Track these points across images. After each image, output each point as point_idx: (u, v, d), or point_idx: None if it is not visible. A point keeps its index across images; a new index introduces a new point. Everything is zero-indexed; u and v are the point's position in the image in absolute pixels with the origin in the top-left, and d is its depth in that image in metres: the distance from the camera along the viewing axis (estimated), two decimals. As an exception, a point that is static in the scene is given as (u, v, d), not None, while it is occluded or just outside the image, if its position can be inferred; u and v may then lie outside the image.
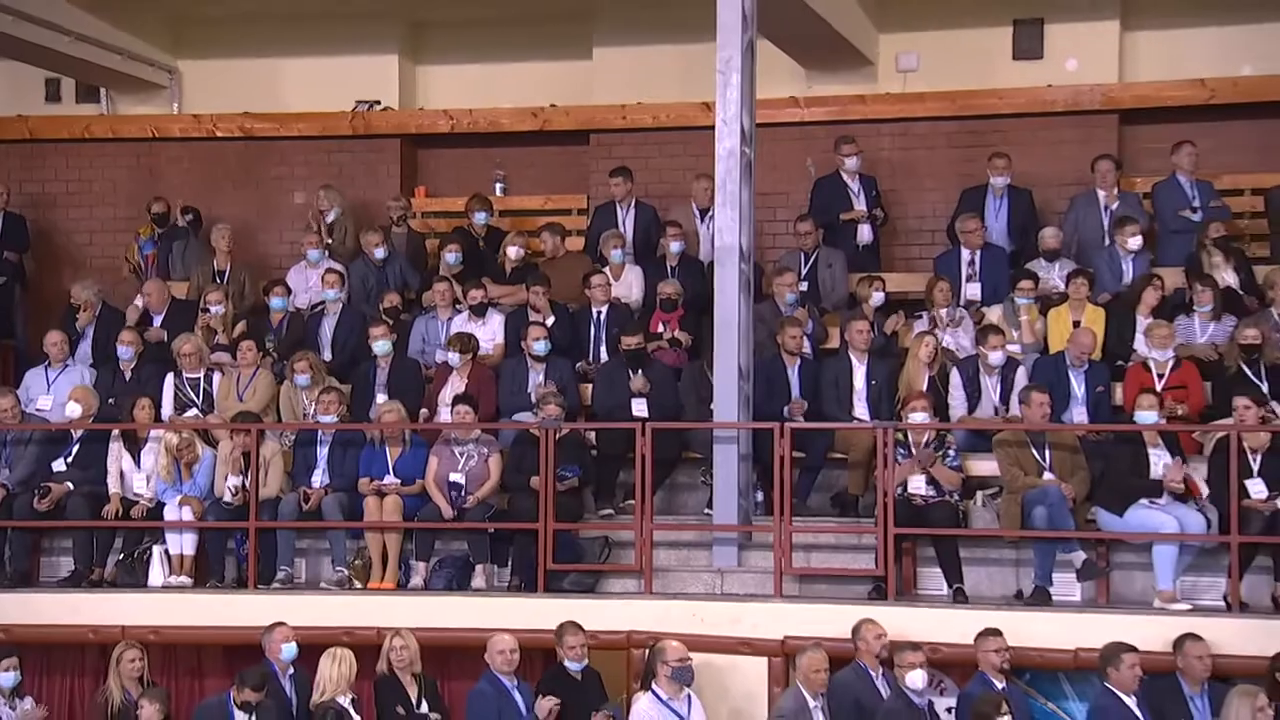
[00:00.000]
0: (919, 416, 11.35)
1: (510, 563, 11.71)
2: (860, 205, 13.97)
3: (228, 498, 11.94)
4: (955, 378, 12.10)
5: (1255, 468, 10.72)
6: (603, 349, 13.04)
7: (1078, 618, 10.61)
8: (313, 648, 10.65)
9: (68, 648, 11.75)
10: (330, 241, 14.51)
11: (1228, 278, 12.67)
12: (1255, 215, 13.80)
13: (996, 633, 10.11)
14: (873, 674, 10.13)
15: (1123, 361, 12.15)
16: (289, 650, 10.61)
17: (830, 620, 10.55)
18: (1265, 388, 11.50)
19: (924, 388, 11.83)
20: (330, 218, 14.69)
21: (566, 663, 10.44)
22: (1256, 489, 10.64)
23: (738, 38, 11.70)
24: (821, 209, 13.94)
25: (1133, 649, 9.79)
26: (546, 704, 10.06)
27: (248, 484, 11.90)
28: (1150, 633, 10.09)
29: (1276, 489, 10.68)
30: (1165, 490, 10.84)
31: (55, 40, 14.58)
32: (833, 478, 12.09)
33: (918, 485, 11.20)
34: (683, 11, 12.69)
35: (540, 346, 12.59)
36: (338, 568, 11.95)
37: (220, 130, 15.89)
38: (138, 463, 12.35)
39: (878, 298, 12.96)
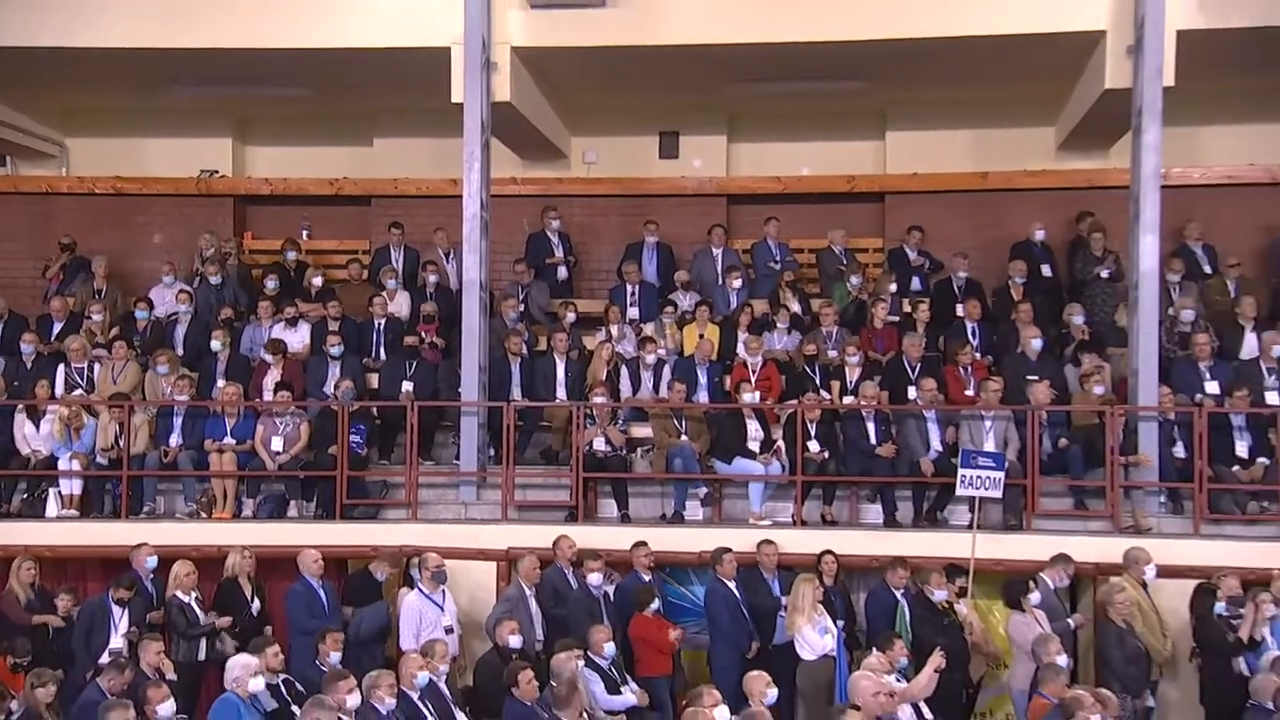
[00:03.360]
0: (600, 398, 11.52)
1: (315, 499, 11.46)
2: (559, 253, 14.00)
3: (101, 458, 11.55)
4: (624, 372, 12.28)
5: (812, 432, 11.15)
6: (382, 350, 12.79)
7: (700, 531, 10.93)
8: (169, 561, 10.25)
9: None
10: (205, 269, 13.85)
11: (795, 307, 13.08)
12: (810, 266, 14.17)
13: (644, 543, 10.36)
14: (567, 572, 10.27)
15: (730, 361, 12.40)
16: (151, 561, 10.30)
17: (539, 536, 10.64)
18: (818, 380, 11.98)
19: (603, 378, 11.93)
20: (208, 252, 14.00)
21: (380, 572, 10.39)
22: (813, 446, 11.10)
23: (478, 137, 11.73)
24: (533, 255, 13.93)
25: (730, 550, 10.16)
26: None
27: (120, 444, 11.46)
28: (745, 540, 10.45)
29: (824, 446, 11.13)
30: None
31: (-30, 121, 13.73)
32: (542, 439, 12.14)
33: (599, 444, 11.35)
34: (439, 116, 12.55)
35: (336, 349, 12.32)
36: (188, 503, 11.59)
37: (98, 188, 14.99)
38: (38, 428, 11.76)
39: (571, 316, 13.00)
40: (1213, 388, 11.30)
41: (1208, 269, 13.09)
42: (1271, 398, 11.16)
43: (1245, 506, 10.72)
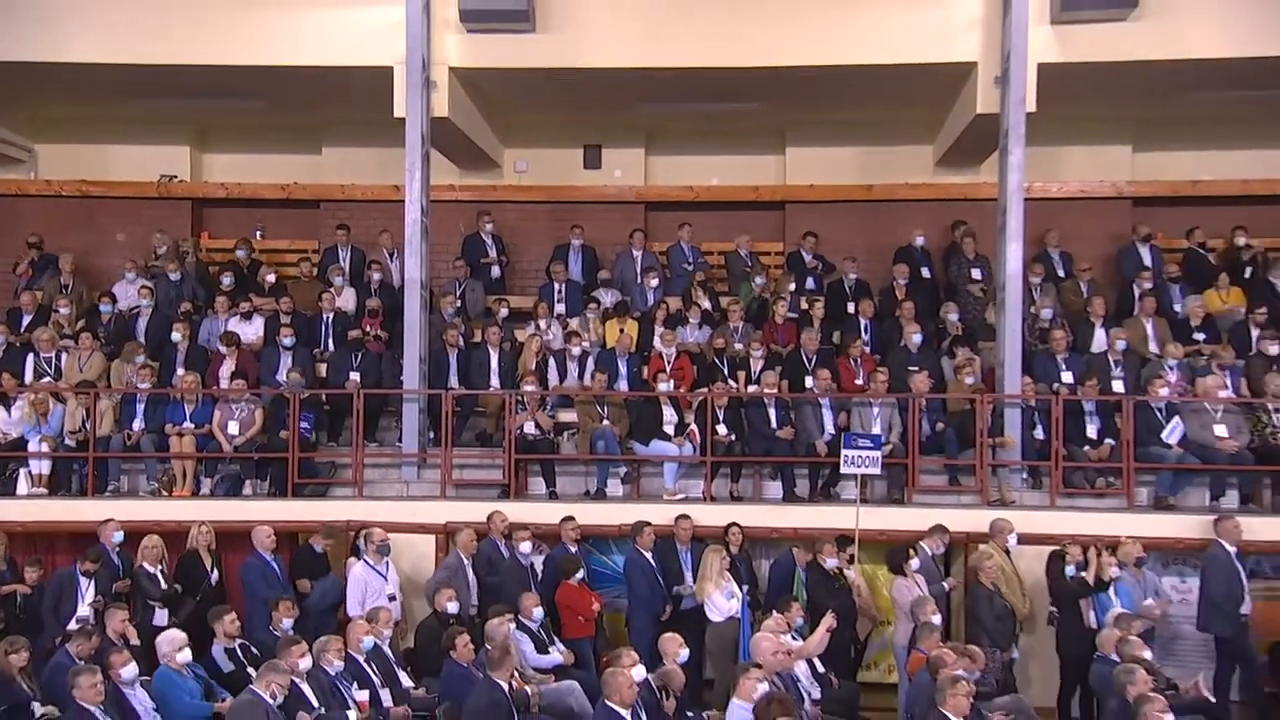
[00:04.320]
0: (530, 387, 11.47)
1: (269, 478, 11.25)
2: (493, 254, 13.85)
3: (69, 440, 11.25)
4: (552, 362, 12.17)
5: (721, 416, 11.11)
6: (330, 341, 12.57)
7: (621, 506, 10.91)
8: (134, 536, 10.05)
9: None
10: (157, 264, 13.59)
11: (705, 304, 13.05)
12: (719, 267, 14.13)
13: (571, 518, 10.32)
14: (499, 543, 10.19)
15: (647, 353, 12.34)
16: (117, 536, 10.05)
17: (475, 512, 10.54)
18: (726, 370, 11.91)
19: (533, 368, 11.86)
20: (160, 250, 13.73)
21: (318, 545, 10.26)
22: (722, 430, 11.08)
23: (419, 149, 11.58)
24: (470, 255, 13.76)
25: (649, 523, 10.12)
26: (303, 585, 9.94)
27: (87, 427, 11.16)
28: (661, 514, 10.42)
29: (732, 429, 11.12)
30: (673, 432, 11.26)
31: (-56, 129, 13.20)
32: (477, 423, 11.97)
33: (529, 428, 11.27)
34: (382, 127, 12.28)
35: (288, 341, 12.12)
36: (151, 482, 11.31)
37: (65, 191, 14.55)
38: (9, 412, 11.43)
39: (504, 312, 12.87)
40: (1068, 377, 11.53)
41: (1063, 273, 13.38)
42: (1117, 386, 11.43)
43: (1094, 482, 11.00)
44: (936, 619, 8.83)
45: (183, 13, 11.75)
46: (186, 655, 8.32)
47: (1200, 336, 12.19)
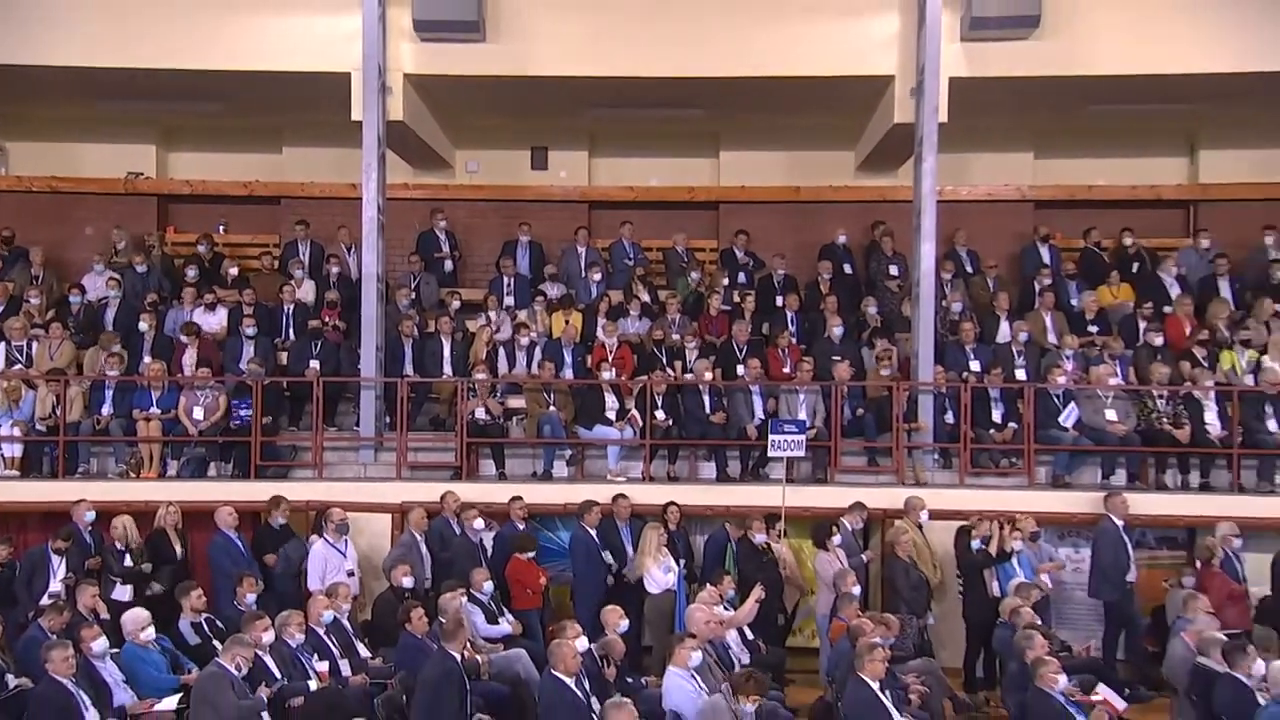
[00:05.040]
0: (480, 374, 11.36)
1: (232, 460, 11.08)
2: (446, 249, 13.70)
3: (40, 425, 10.96)
4: (502, 352, 12.08)
5: (659, 402, 11.11)
6: (291, 331, 12.37)
7: (567, 486, 10.86)
8: (104, 516, 9.85)
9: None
10: (118, 259, 13.29)
11: (645, 297, 12.99)
12: (658, 263, 14.14)
13: (519, 497, 10.27)
14: (451, 522, 10.10)
15: (590, 343, 12.28)
16: (89, 515, 9.83)
17: (428, 492, 10.45)
18: (664, 359, 11.91)
19: (483, 357, 11.76)
20: (120, 245, 13.42)
21: (276, 521, 10.09)
22: (660, 415, 11.09)
23: (375, 151, 11.44)
24: (424, 250, 13.60)
25: (597, 503, 10.09)
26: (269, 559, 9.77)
27: (57, 413, 10.89)
28: (605, 493, 10.40)
29: (669, 415, 11.13)
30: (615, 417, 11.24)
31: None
32: (430, 409, 11.86)
33: (480, 413, 11.18)
34: (340, 129, 12.00)
35: (250, 331, 11.89)
36: (119, 464, 11.05)
37: (36, 187, 14.14)
38: (-20, 399, 11.10)
39: (456, 304, 12.74)
40: (975, 366, 11.69)
41: (971, 269, 13.55)
42: (1020, 374, 11.60)
43: (999, 462, 11.18)
44: (856, 590, 8.96)
45: (150, 20, 11.49)
46: (150, 633, 8.19)
47: (1094, 328, 12.43)
